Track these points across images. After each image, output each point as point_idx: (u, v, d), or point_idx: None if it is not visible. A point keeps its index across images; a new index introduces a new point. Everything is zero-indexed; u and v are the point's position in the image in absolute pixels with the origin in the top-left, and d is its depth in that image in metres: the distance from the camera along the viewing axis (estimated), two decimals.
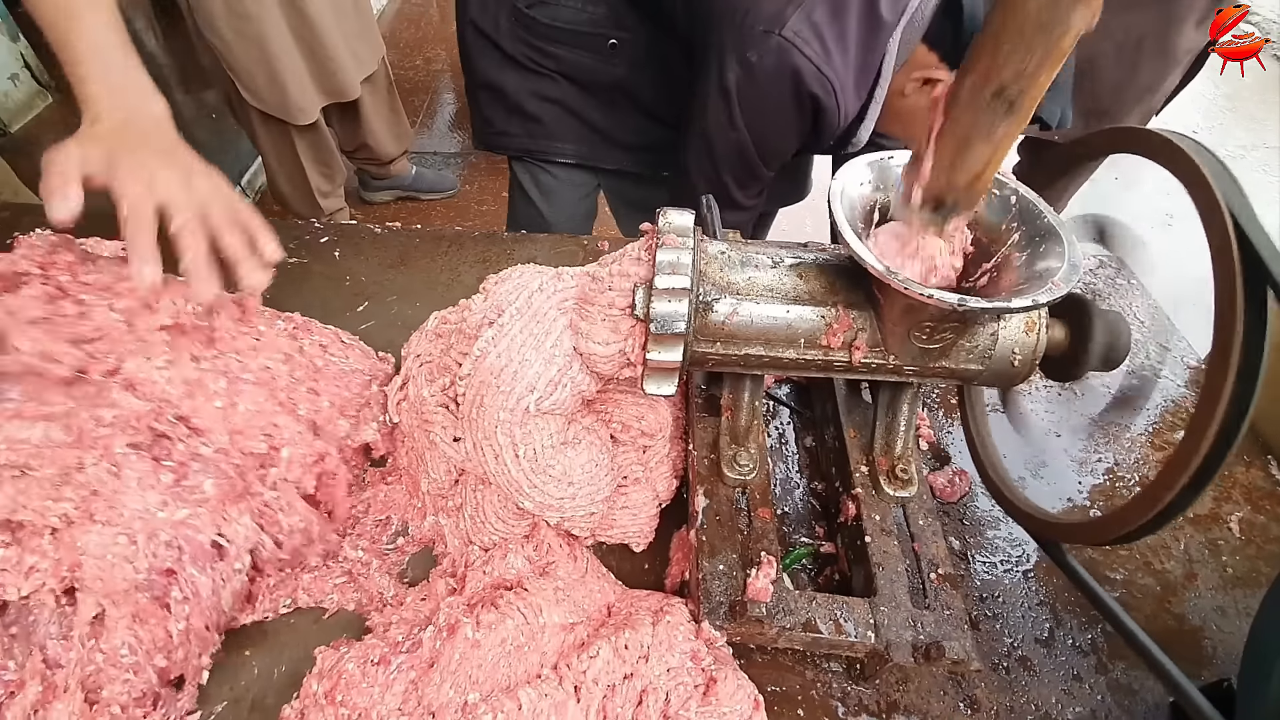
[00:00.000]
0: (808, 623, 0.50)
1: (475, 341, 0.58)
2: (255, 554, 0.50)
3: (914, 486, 0.58)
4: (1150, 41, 1.15)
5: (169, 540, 0.45)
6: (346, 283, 0.84)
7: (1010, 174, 0.51)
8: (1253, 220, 0.40)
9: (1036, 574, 0.62)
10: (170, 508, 0.46)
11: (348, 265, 0.86)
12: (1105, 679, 0.55)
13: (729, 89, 0.80)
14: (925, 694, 0.54)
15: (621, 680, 0.45)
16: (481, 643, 0.45)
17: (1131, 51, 1.16)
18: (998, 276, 0.49)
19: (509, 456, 0.55)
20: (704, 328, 0.50)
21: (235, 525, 0.48)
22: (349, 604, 0.55)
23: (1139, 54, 1.16)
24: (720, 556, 0.53)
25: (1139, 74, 1.19)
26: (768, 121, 0.83)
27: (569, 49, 0.96)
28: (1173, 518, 0.45)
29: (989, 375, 0.52)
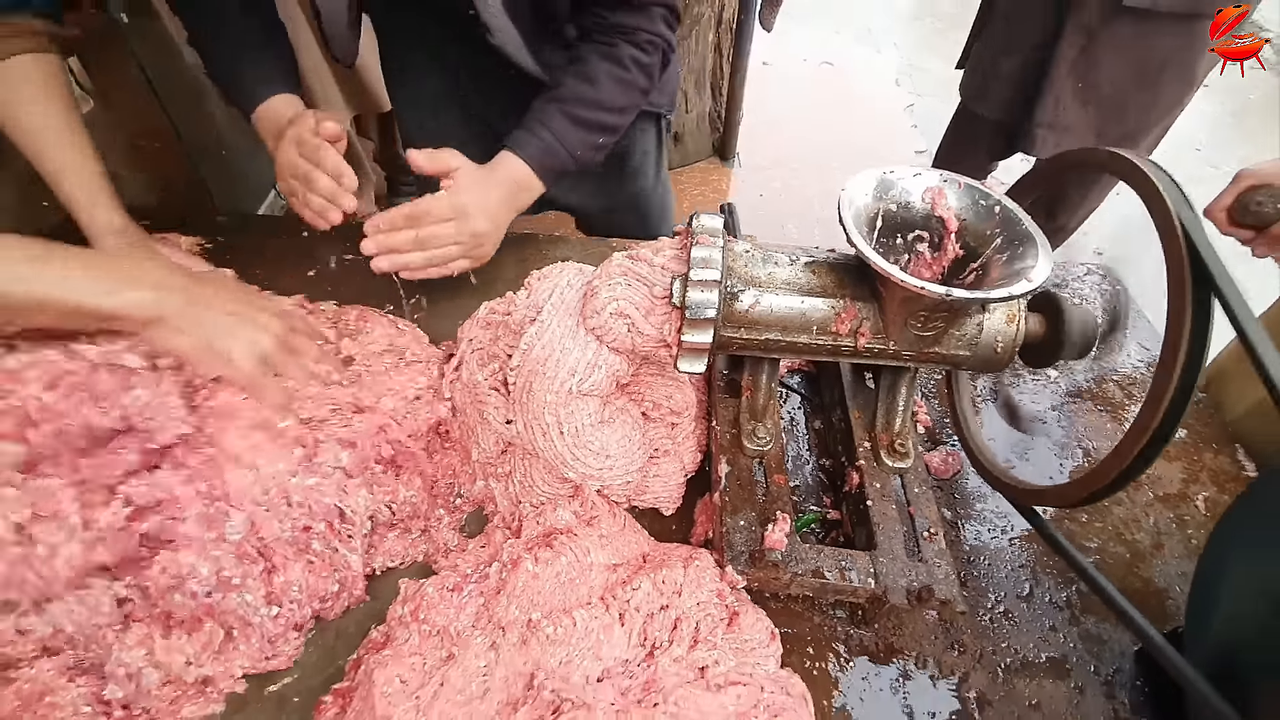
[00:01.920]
0: (816, 570, 0.58)
1: (520, 336, 0.67)
2: (374, 518, 0.59)
3: (910, 459, 0.66)
4: (1172, 66, 1.20)
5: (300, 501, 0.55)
6: (396, 279, 0.93)
7: (995, 189, 0.59)
8: (1197, 227, 0.48)
9: (1018, 542, 0.69)
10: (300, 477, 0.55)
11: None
12: (1077, 630, 0.63)
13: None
14: (918, 638, 0.62)
15: (659, 610, 0.54)
16: (540, 575, 0.53)
17: (1155, 74, 1.21)
18: (983, 275, 0.57)
19: (554, 434, 0.64)
20: (730, 315, 0.59)
21: (355, 497, 0.57)
22: (418, 555, 0.63)
23: (1161, 76, 1.21)
24: (741, 514, 0.62)
25: (1161, 96, 1.24)
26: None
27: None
28: (1130, 479, 0.52)
29: (976, 361, 0.61)
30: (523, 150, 0.80)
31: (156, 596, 0.50)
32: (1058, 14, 1.24)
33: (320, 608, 0.56)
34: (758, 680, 0.52)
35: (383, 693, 0.47)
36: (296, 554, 0.54)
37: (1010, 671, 0.60)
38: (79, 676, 0.51)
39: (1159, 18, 1.16)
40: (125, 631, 0.50)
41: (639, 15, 0.81)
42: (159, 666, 0.50)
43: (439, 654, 0.50)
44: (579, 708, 0.46)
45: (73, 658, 0.51)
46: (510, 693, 0.48)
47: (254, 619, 0.52)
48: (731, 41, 2.40)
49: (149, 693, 0.50)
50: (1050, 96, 1.28)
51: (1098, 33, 1.21)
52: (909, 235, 0.61)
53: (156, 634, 0.50)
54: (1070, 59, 1.24)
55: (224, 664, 0.52)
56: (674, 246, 0.63)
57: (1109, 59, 1.22)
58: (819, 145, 2.94)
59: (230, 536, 0.52)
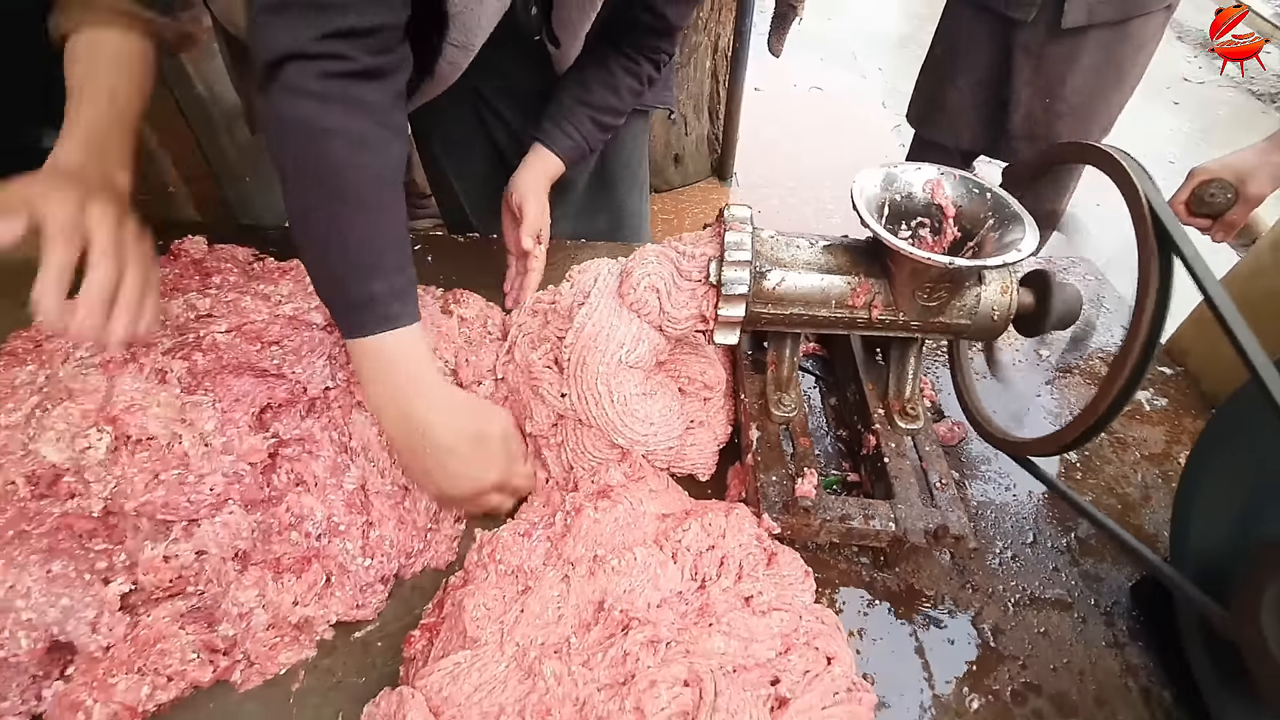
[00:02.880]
0: (843, 516, 0.65)
1: (570, 319, 0.74)
2: None
3: (921, 422, 0.74)
4: (1127, 60, 1.35)
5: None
6: (440, 279, 1.01)
7: (984, 178, 0.68)
8: (1159, 198, 0.57)
9: (1021, 497, 0.77)
10: None
11: (439, 267, 1.03)
12: (1077, 570, 0.70)
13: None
14: (936, 579, 0.68)
15: (707, 549, 0.60)
16: (600, 520, 0.60)
17: (1115, 72, 1.36)
18: (979, 251, 0.66)
19: (606, 402, 0.71)
20: (759, 292, 0.67)
21: None
22: (479, 514, 0.70)
23: (1121, 71, 1.36)
24: (773, 470, 0.69)
25: (1123, 86, 1.40)
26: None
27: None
28: (1104, 426, 0.59)
29: (975, 329, 0.69)
30: (557, 146, 0.94)
31: (276, 534, 0.56)
32: (1003, 43, 1.38)
33: (404, 564, 0.63)
34: (796, 609, 0.58)
35: (472, 617, 0.53)
36: (392, 509, 0.60)
37: (1020, 606, 0.67)
38: (190, 624, 0.57)
39: (1097, 28, 1.30)
40: (243, 573, 0.56)
41: (669, 40, 0.93)
42: (267, 607, 0.56)
43: (516, 588, 0.57)
44: (645, 624, 0.52)
45: (188, 604, 0.57)
46: (582, 617, 0.55)
47: (351, 566, 0.58)
48: (727, 69, 2.53)
49: (255, 635, 0.57)
50: (1019, 114, 1.41)
51: (1044, 52, 1.34)
52: (912, 222, 0.70)
53: (269, 577, 0.56)
54: (1027, 79, 1.38)
55: (322, 607, 0.58)
56: (701, 239, 0.71)
57: (1069, 72, 1.36)
58: (811, 165, 3.08)
59: (346, 486, 0.59)
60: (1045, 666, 0.62)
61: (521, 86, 1.05)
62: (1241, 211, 0.94)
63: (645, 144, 1.26)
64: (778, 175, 3.00)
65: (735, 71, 2.52)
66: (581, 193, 1.19)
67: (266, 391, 0.59)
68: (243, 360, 0.59)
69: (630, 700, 0.48)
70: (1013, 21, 1.35)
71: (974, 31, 1.44)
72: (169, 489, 0.53)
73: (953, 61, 1.50)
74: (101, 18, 0.71)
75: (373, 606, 0.62)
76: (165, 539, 0.54)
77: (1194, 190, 0.93)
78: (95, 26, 0.71)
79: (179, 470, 0.54)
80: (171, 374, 0.57)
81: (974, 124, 1.50)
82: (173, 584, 0.55)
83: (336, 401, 0.62)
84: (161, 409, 0.54)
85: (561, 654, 0.52)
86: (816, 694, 0.52)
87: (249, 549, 0.57)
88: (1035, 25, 1.32)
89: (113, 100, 0.68)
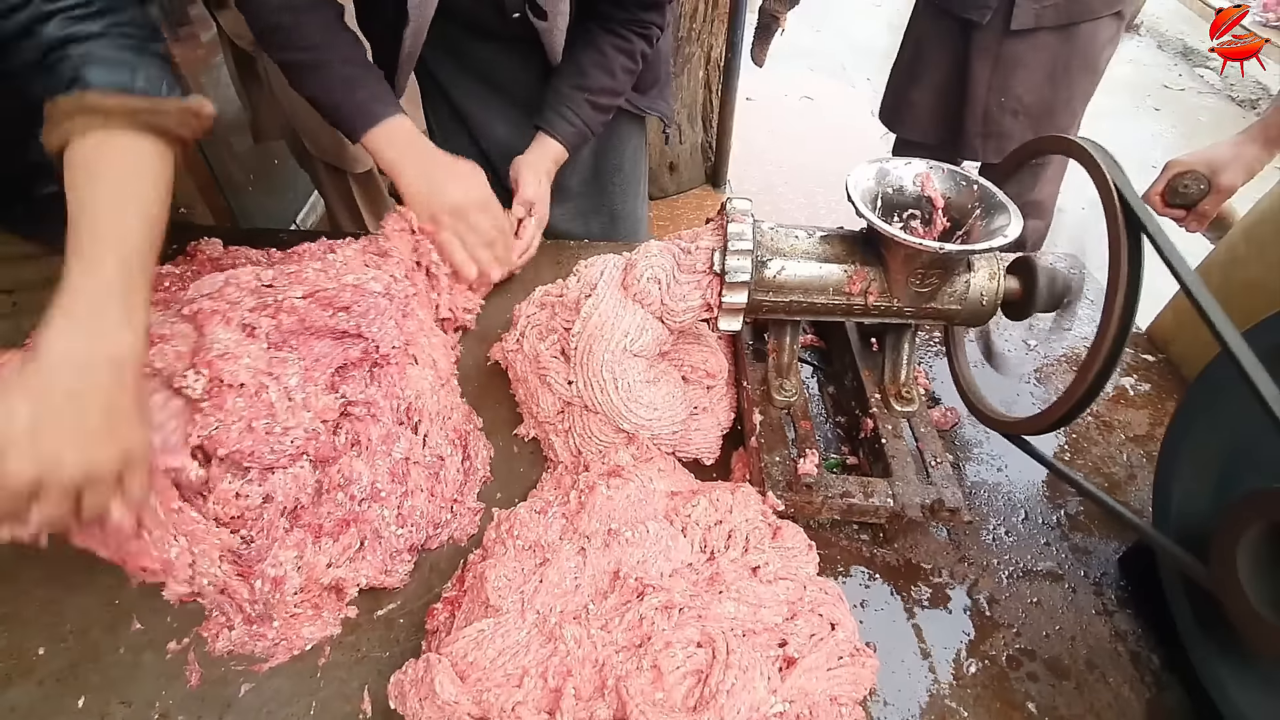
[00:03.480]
0: (844, 493, 0.68)
1: (578, 310, 0.77)
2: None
3: (915, 405, 0.77)
4: (1076, 63, 1.43)
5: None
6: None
7: (974, 172, 0.72)
8: (1127, 184, 0.60)
9: (1012, 477, 0.80)
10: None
11: None
12: (1067, 544, 0.73)
13: None
14: (932, 553, 0.71)
15: (715, 524, 0.63)
16: (613, 497, 0.63)
17: (1063, 74, 1.44)
18: (967, 239, 0.69)
19: (611, 389, 0.74)
20: (760, 281, 0.70)
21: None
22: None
23: (1070, 75, 1.44)
24: (776, 451, 0.72)
25: (1076, 90, 1.47)
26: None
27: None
28: (1089, 403, 0.62)
29: (966, 314, 0.72)
30: (558, 132, 0.98)
31: (326, 492, 0.60)
32: (962, 45, 1.47)
33: (431, 534, 0.66)
34: (801, 579, 0.61)
35: (493, 587, 0.56)
36: (427, 479, 0.64)
37: (1013, 578, 0.70)
38: (228, 561, 0.60)
39: (1044, 31, 1.39)
40: (290, 531, 0.59)
41: (657, 12, 0.97)
42: (302, 569, 0.59)
43: (534, 561, 0.59)
44: (660, 591, 0.55)
45: (235, 569, 0.60)
46: (598, 586, 0.57)
47: (384, 533, 0.61)
48: (720, 79, 2.59)
49: (284, 600, 0.59)
50: (977, 111, 1.51)
51: (999, 53, 1.43)
52: (904, 214, 0.73)
53: (309, 539, 0.59)
54: (985, 79, 1.47)
55: (354, 570, 0.61)
56: (702, 233, 0.74)
57: (1019, 73, 1.44)
58: (802, 171, 3.14)
59: (395, 454, 0.62)
60: (1038, 633, 0.65)
61: (509, 89, 1.10)
62: (1214, 201, 0.98)
63: (641, 149, 1.30)
64: (771, 181, 3.05)
65: (728, 81, 2.58)
66: (577, 196, 1.23)
67: (342, 352, 0.65)
68: (320, 323, 0.64)
69: (647, 659, 0.51)
70: (970, 24, 1.43)
71: (936, 34, 1.54)
72: (256, 438, 0.57)
73: (917, 62, 1.61)
74: (98, 121, 0.56)
75: (399, 575, 0.64)
76: (241, 478, 0.58)
77: (1169, 182, 0.97)
78: (94, 132, 0.56)
79: (267, 420, 0.58)
80: (260, 330, 0.62)
81: (937, 122, 1.61)
82: (232, 521, 0.58)
83: (394, 359, 0.68)
84: (251, 360, 0.59)
85: (580, 619, 0.54)
86: (822, 655, 0.55)
87: (306, 504, 0.60)
88: (990, 27, 1.41)
89: (120, 238, 0.54)
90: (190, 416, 0.57)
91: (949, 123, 1.58)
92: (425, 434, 0.68)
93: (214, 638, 0.61)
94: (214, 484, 0.58)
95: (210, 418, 0.57)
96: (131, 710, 0.58)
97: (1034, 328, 0.99)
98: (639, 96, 1.16)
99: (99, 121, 0.56)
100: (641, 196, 1.36)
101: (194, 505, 0.59)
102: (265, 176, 2.27)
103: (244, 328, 0.61)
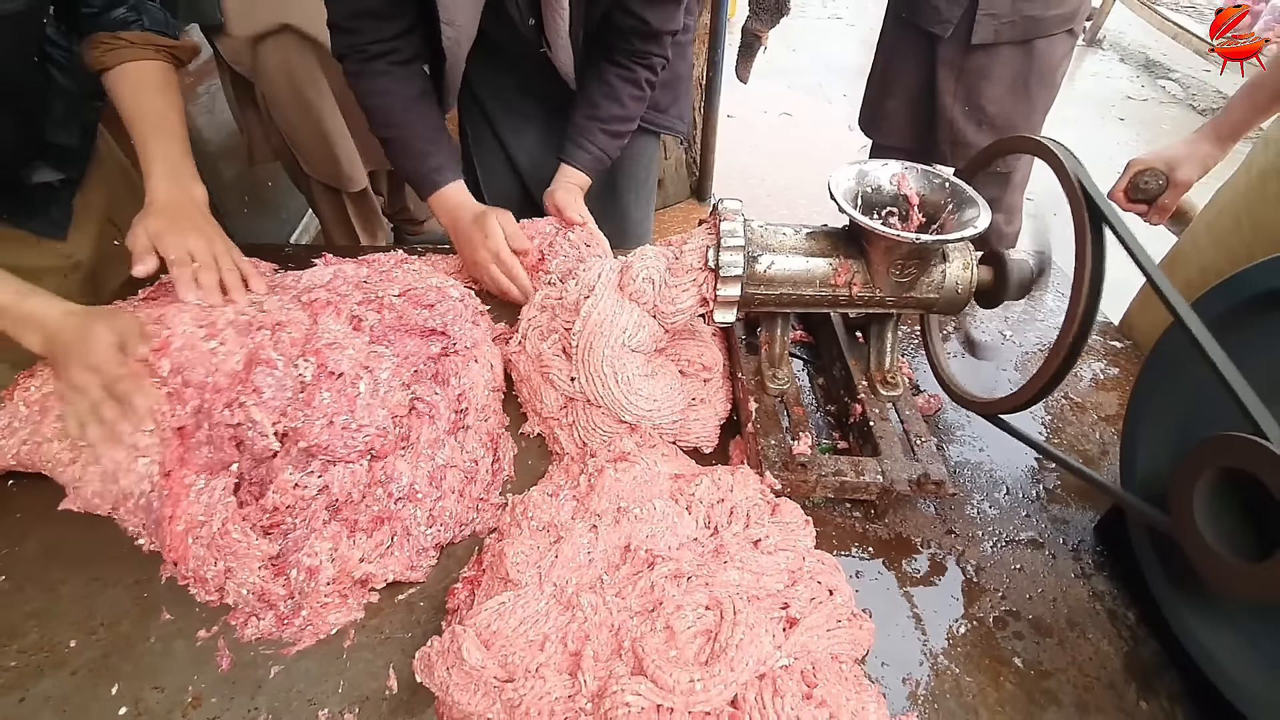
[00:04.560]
0: (836, 471, 0.73)
1: (578, 311, 0.82)
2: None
3: (900, 390, 0.82)
4: (1034, 77, 1.53)
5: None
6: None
7: (946, 170, 0.77)
8: (1089, 179, 0.66)
9: (993, 457, 0.85)
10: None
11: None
12: (1046, 515, 0.78)
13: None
14: (920, 527, 0.76)
15: (717, 501, 0.67)
16: (620, 479, 0.67)
17: (1023, 87, 1.54)
18: (941, 231, 0.75)
19: (611, 382, 0.78)
20: (752, 275, 0.75)
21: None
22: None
23: (1029, 88, 1.54)
24: (771, 435, 0.76)
25: (1036, 103, 1.57)
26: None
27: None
28: (1058, 382, 0.66)
29: (943, 303, 0.78)
30: (579, 163, 1.07)
31: (367, 488, 0.63)
32: (928, 57, 1.57)
33: (457, 532, 0.69)
34: (799, 551, 0.65)
35: (512, 563, 0.59)
36: (461, 483, 0.69)
37: (997, 547, 0.74)
38: (266, 568, 0.63)
39: (1004, 46, 1.49)
40: (328, 524, 0.62)
41: (656, 44, 1.03)
42: (335, 560, 0.61)
43: (549, 540, 0.63)
44: (669, 560, 0.59)
45: (274, 547, 0.62)
46: (610, 559, 0.61)
47: (414, 531, 0.65)
48: (703, 97, 2.67)
49: (315, 590, 0.62)
50: (945, 121, 1.60)
51: (963, 66, 1.53)
52: (882, 211, 0.79)
53: (344, 533, 0.62)
54: (950, 90, 1.57)
55: (382, 566, 0.64)
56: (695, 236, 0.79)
57: (982, 85, 1.54)
58: (783, 185, 3.23)
59: (437, 459, 0.66)
60: (1022, 596, 0.70)
61: (537, 111, 1.22)
62: (1172, 196, 1.05)
63: (655, 161, 1.39)
64: (754, 195, 3.13)
65: (710, 99, 2.66)
66: (593, 200, 1.31)
67: (426, 350, 0.71)
68: (413, 321, 0.71)
69: (660, 622, 0.54)
70: (935, 37, 1.53)
71: (905, 46, 1.64)
72: (333, 433, 0.61)
73: (889, 73, 1.71)
74: (135, 53, 0.90)
75: (423, 570, 0.68)
76: (302, 470, 0.61)
77: (1131, 179, 1.04)
78: (131, 60, 0.90)
79: (347, 415, 0.62)
80: (365, 322, 0.68)
81: (910, 129, 1.71)
82: (277, 511, 0.61)
83: (462, 353, 0.75)
84: (355, 352, 0.65)
85: (596, 589, 0.58)
86: (822, 615, 0.58)
87: (356, 500, 0.63)
88: (953, 41, 1.51)
89: (170, 126, 0.89)
90: (296, 396, 0.62)
91: (920, 130, 1.68)
92: (464, 439, 0.72)
93: (242, 625, 0.64)
94: (275, 473, 0.61)
95: (300, 411, 0.61)
96: (165, 695, 0.60)
97: (1009, 319, 1.05)
98: (658, 115, 1.26)
99: (136, 53, 0.89)
100: (650, 204, 1.44)
101: (241, 502, 0.62)
102: (258, 199, 2.30)
103: (352, 320, 0.68)
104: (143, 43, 0.90)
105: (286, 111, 1.73)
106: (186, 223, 0.83)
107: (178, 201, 0.85)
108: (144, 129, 0.87)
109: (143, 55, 0.91)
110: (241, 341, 0.65)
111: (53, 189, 0.94)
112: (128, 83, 0.88)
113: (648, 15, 0.99)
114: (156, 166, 0.86)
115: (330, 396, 0.61)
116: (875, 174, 0.78)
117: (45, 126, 0.91)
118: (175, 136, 0.89)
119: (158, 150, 0.87)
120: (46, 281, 0.91)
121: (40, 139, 0.90)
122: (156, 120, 0.88)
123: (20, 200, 0.92)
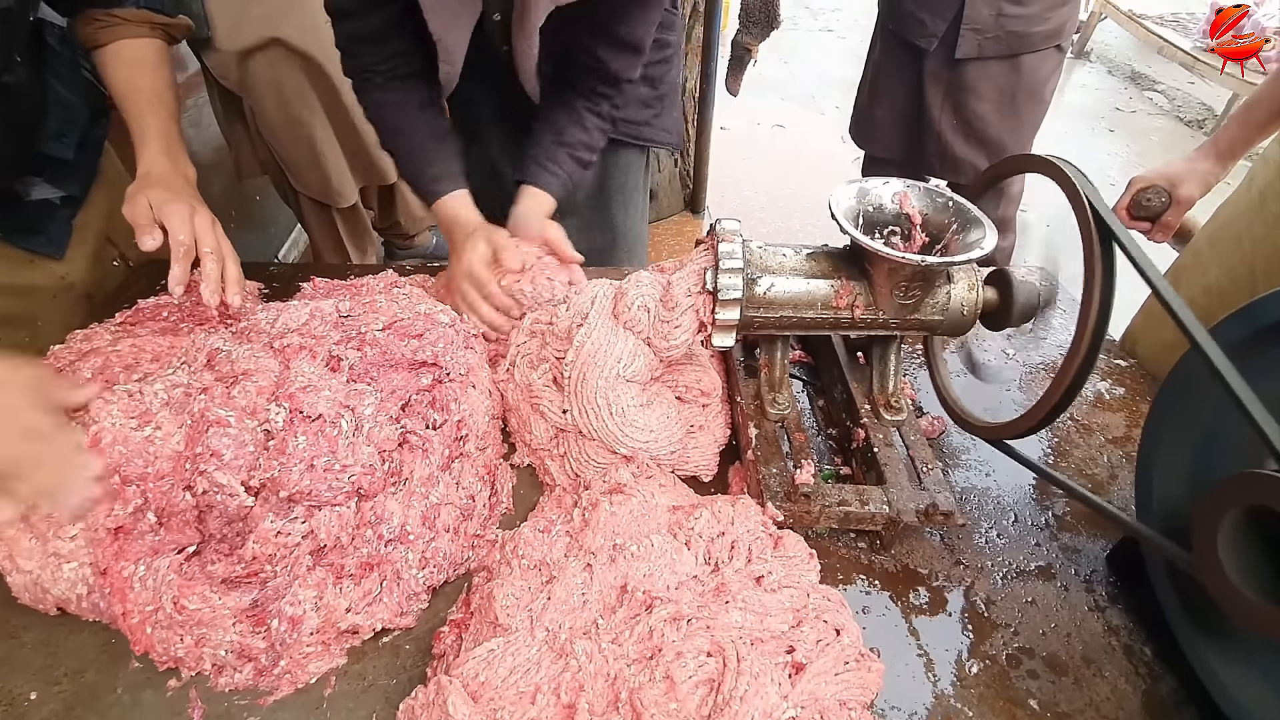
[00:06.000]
0: (841, 501, 0.70)
1: (568, 340, 0.79)
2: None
3: (904, 414, 0.79)
4: (1021, 93, 1.52)
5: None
6: None
7: (949, 189, 0.75)
8: (1098, 197, 0.64)
9: (1000, 482, 0.82)
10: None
11: None
12: (1057, 544, 0.75)
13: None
14: (928, 558, 0.73)
15: (718, 535, 0.64)
16: (616, 513, 0.64)
17: (1009, 103, 1.53)
18: (945, 253, 0.73)
19: (605, 414, 0.75)
20: (751, 298, 0.72)
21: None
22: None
23: (1015, 104, 1.53)
24: (773, 463, 0.73)
25: (1023, 119, 1.57)
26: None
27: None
28: (1066, 406, 0.65)
29: (948, 324, 0.75)
30: (546, 186, 1.03)
31: (355, 529, 0.59)
32: (916, 70, 1.57)
33: (451, 574, 0.66)
34: (804, 587, 0.62)
35: (501, 606, 0.56)
36: (456, 521, 0.65)
37: (1007, 579, 0.72)
38: (242, 621, 0.59)
39: (991, 60, 1.48)
40: (312, 570, 0.59)
41: (614, 88, 1.03)
42: (320, 610, 0.58)
43: (541, 579, 0.60)
44: (668, 603, 0.56)
45: (249, 597, 0.59)
46: (606, 600, 0.58)
47: (405, 575, 0.61)
48: (695, 109, 2.66)
49: (297, 641, 0.58)
50: (933, 134, 1.60)
51: (949, 79, 1.53)
52: (884, 230, 0.77)
53: (330, 579, 0.59)
54: (938, 104, 1.57)
55: (369, 616, 0.60)
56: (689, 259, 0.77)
57: (968, 99, 1.54)
58: (777, 196, 3.22)
59: (431, 498, 0.62)
60: (1035, 631, 0.67)
61: (516, 131, 1.18)
62: (1175, 213, 1.04)
63: (643, 171, 1.36)
64: (748, 207, 3.13)
65: (703, 112, 2.65)
66: (582, 210, 1.30)
67: (415, 383, 0.68)
68: (399, 355, 0.67)
69: (660, 671, 0.51)
70: (921, 50, 1.52)
71: (893, 57, 1.64)
72: (315, 476, 0.57)
73: (878, 83, 1.72)
74: (129, 30, 0.89)
75: (414, 614, 0.64)
76: (284, 517, 0.57)
77: (1133, 196, 1.03)
78: (125, 38, 0.89)
79: (328, 457, 0.58)
80: (345, 362, 0.65)
81: (899, 139, 1.71)
82: (256, 561, 0.57)
83: (458, 381, 0.71)
84: (331, 393, 0.61)
85: (590, 634, 0.55)
86: (830, 659, 0.55)
87: (344, 544, 0.60)
88: (938, 54, 1.51)
89: (163, 103, 0.89)
90: (262, 448, 0.58)
91: (909, 142, 1.67)
92: (461, 472, 0.69)
93: (216, 674, 0.60)
94: (254, 522, 0.57)
95: (274, 461, 0.57)
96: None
97: (1013, 338, 1.03)
98: (642, 127, 1.24)
99: (130, 30, 0.89)
100: (643, 215, 1.41)
101: (208, 562, 0.59)
102: (246, 214, 2.27)
103: (329, 360, 0.65)
104: (137, 20, 0.90)
105: (276, 127, 1.70)
106: (185, 196, 0.83)
107: (174, 177, 0.86)
108: (139, 104, 0.87)
109: (137, 32, 0.90)
110: (179, 420, 0.60)
111: (53, 206, 0.92)
112: (122, 59, 0.88)
113: (609, 61, 0.99)
114: (152, 141, 0.86)
115: (306, 440, 0.58)
116: (877, 192, 0.76)
117: (40, 138, 0.87)
118: (170, 114, 0.90)
119: (153, 125, 0.87)
120: (34, 300, 0.91)
121: (35, 151, 0.87)
122: (152, 97, 0.88)
123: (20, 218, 0.89)
